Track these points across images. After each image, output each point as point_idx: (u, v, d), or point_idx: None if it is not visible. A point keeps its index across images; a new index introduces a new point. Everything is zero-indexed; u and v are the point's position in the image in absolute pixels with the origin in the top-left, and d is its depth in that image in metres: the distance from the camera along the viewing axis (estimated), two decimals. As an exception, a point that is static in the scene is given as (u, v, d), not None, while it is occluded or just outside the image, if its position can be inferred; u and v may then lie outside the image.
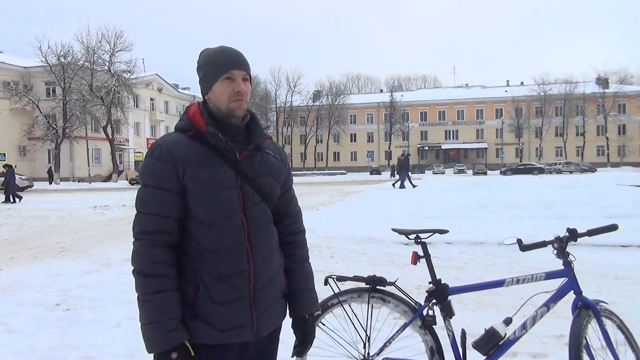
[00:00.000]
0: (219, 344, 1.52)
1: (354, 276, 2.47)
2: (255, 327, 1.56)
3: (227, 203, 1.52)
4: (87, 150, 45.73)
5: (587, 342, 2.19)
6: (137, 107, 53.86)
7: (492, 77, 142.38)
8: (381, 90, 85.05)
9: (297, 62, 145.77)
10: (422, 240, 2.45)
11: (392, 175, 21.67)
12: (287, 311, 1.74)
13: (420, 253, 2.43)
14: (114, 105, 44.52)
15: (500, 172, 50.00)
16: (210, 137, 1.52)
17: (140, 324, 1.48)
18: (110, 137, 45.04)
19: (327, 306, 2.49)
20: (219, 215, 1.51)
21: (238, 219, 1.53)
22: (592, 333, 2.24)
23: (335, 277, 2.43)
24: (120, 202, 18.87)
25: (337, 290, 2.42)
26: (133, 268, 1.50)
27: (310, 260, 1.83)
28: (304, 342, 1.75)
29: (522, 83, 75.33)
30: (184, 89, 68.07)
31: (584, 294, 2.32)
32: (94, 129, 47.28)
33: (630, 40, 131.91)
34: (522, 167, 52.24)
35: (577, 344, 2.13)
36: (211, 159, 1.52)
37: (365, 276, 2.46)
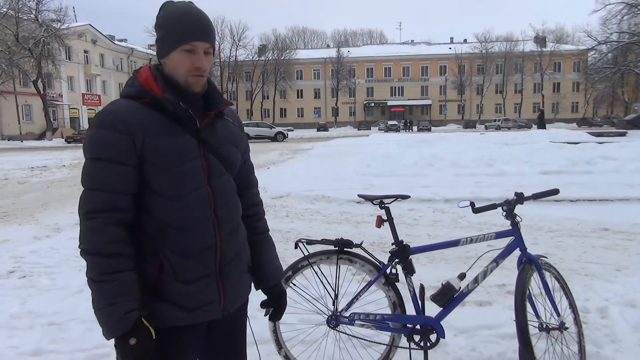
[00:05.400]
0: (185, 324, 1.44)
1: (323, 239, 2.63)
2: (223, 303, 1.49)
3: (192, 174, 1.42)
4: (17, 106, 42.63)
5: (529, 292, 2.47)
6: (69, 60, 50.35)
7: (437, 34, 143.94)
8: (328, 46, 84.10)
9: (241, 15, 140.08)
10: (386, 205, 2.63)
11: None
12: (253, 284, 1.69)
13: (384, 217, 2.61)
14: (44, 58, 41.43)
15: None
16: (169, 104, 1.41)
17: (94, 309, 1.35)
18: (42, 92, 42.19)
19: (297, 268, 2.65)
20: (183, 187, 1.40)
21: (203, 190, 1.43)
22: (533, 283, 2.53)
23: (304, 240, 2.57)
24: (60, 163, 18.02)
25: (306, 253, 2.57)
26: (83, 249, 1.35)
27: (266, 221, 1.81)
28: (278, 306, 1.74)
29: (465, 40, 76.66)
30: (121, 40, 64.20)
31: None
32: (23, 84, 43.96)
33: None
34: None
35: (521, 294, 2.40)
36: (171, 127, 1.40)
37: (333, 239, 2.62)
